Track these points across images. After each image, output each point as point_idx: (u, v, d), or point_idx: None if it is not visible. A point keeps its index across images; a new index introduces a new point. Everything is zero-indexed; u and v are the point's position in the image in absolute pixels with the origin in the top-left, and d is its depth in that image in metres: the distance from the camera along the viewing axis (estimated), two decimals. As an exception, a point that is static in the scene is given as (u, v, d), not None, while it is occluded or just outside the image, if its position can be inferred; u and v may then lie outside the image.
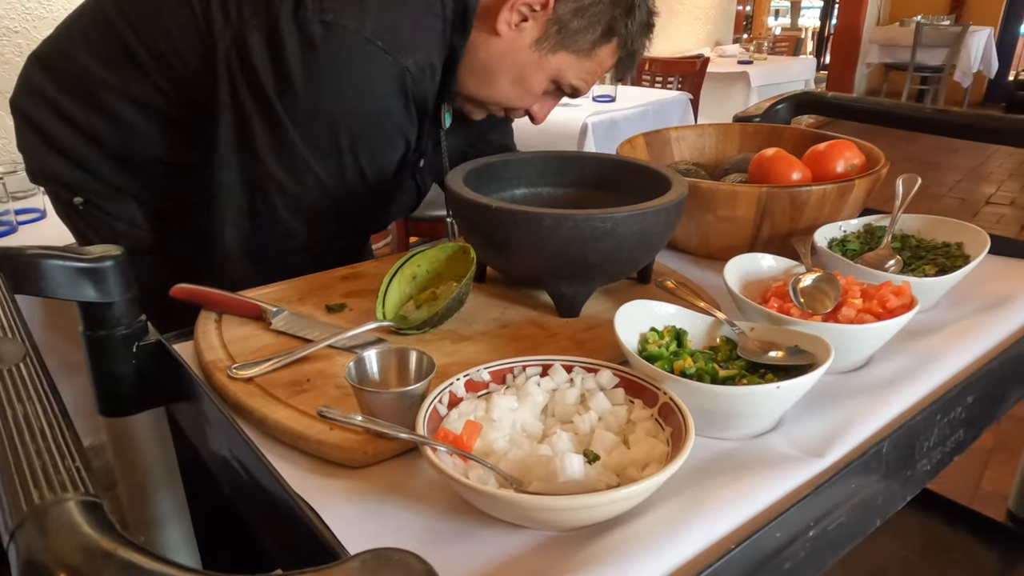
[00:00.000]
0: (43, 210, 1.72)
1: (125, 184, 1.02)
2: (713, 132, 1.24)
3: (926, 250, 0.92)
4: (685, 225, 1.00)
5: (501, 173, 0.93)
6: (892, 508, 0.64)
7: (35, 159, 1.04)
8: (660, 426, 0.58)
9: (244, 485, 0.60)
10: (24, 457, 0.34)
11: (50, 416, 0.38)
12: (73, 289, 0.68)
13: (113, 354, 0.74)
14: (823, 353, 0.63)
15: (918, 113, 1.31)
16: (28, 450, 0.35)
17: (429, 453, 0.52)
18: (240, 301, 0.80)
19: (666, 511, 0.52)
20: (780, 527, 0.51)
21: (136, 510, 0.81)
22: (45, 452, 0.34)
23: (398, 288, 0.82)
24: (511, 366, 0.64)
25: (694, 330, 0.71)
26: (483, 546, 0.51)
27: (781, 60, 5.55)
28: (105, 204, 1.03)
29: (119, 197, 1.03)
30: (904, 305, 0.72)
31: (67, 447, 0.36)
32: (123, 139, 0.99)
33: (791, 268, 0.84)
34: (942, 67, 7.42)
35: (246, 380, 0.68)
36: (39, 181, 1.07)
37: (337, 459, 0.59)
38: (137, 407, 0.77)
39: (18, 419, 0.37)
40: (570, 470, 0.52)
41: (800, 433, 0.63)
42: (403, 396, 0.59)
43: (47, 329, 1.62)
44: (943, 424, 0.67)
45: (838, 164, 1.02)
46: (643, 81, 4.35)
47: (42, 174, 1.05)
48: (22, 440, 0.35)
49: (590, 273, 0.80)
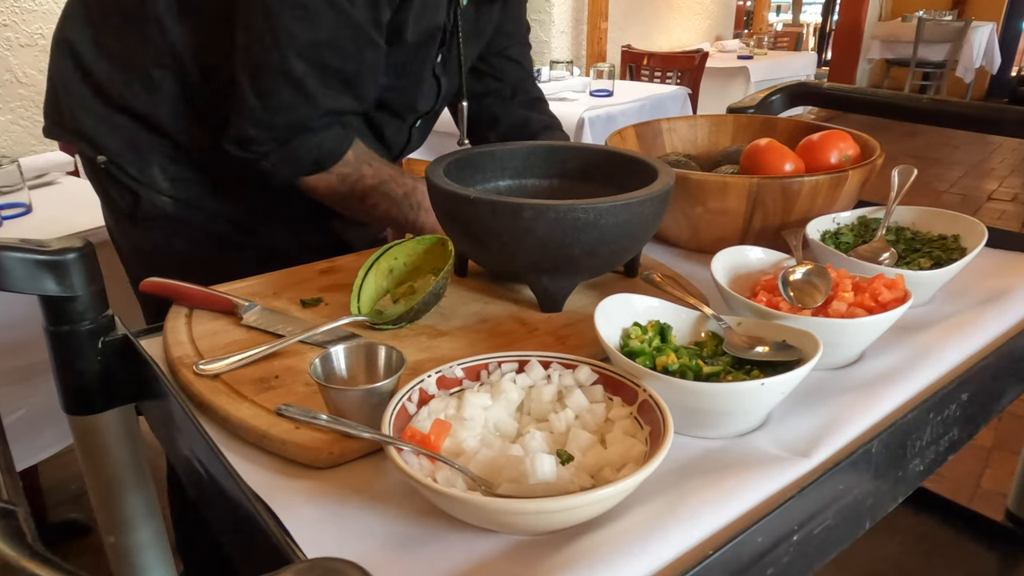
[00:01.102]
0: (28, 205, 1.69)
1: (148, 144, 1.01)
2: (705, 123, 1.21)
3: (921, 243, 0.89)
4: (675, 218, 0.97)
5: (485, 164, 0.90)
6: (883, 510, 0.61)
7: (64, 109, 1.02)
8: (639, 425, 0.56)
9: (205, 486, 0.58)
10: (-66, 459, 0.32)
11: (-28, 415, 0.35)
12: (33, 283, 0.66)
13: (78, 350, 0.71)
14: (811, 349, 0.60)
15: (916, 104, 1.28)
16: (-61, 452, 0.32)
17: (393, 454, 0.49)
18: (211, 295, 0.77)
19: (642, 514, 0.50)
20: (762, 531, 0.48)
21: (105, 511, 0.78)
22: (-43, 454, 0.32)
23: (374, 282, 0.79)
24: (486, 362, 0.62)
25: (679, 325, 0.69)
26: (450, 551, 0.49)
27: (781, 55, 5.52)
28: (128, 166, 1.01)
29: (141, 161, 1.01)
30: (897, 299, 0.70)
31: (-15, 448, 0.33)
32: (153, 102, 0.98)
33: (781, 261, 0.81)
34: (944, 63, 7.39)
35: (212, 377, 0.65)
36: (63, 136, 1.05)
37: (301, 459, 0.57)
38: (104, 405, 0.74)
39: (-64, 418, 0.35)
40: (541, 471, 0.49)
41: (787, 432, 0.60)
42: (370, 393, 0.56)
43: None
44: (936, 422, 0.64)
45: (832, 155, 1.00)
46: (642, 76, 4.32)
47: (68, 128, 1.03)
48: (-65, 441, 0.33)
49: (573, 266, 0.77)
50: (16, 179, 1.68)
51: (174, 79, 0.98)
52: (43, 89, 1.07)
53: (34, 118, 2.36)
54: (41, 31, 2.31)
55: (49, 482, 2.04)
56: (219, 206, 1.05)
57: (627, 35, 5.20)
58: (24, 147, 2.35)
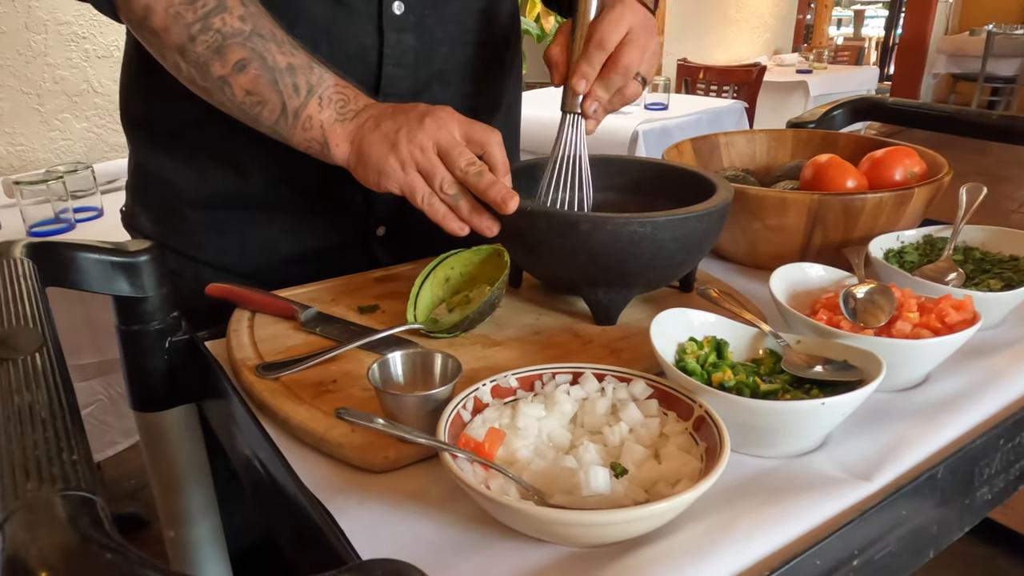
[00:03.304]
0: (100, 208, 1.77)
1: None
2: (764, 138, 1.20)
3: (991, 263, 0.86)
4: (732, 233, 0.96)
5: (533, 176, 0.91)
6: (948, 539, 0.59)
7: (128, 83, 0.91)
8: (694, 441, 0.55)
9: (264, 485, 0.60)
10: (21, 447, 0.33)
11: (55, 407, 0.37)
12: (107, 283, 0.69)
13: (146, 349, 0.74)
14: (874, 369, 0.59)
15: (986, 120, 1.24)
16: (27, 440, 0.34)
17: (448, 460, 0.50)
18: (273, 300, 0.79)
19: (696, 532, 0.49)
20: (820, 554, 0.47)
21: (166, 506, 0.81)
22: (43, 443, 0.34)
23: (430, 291, 0.80)
24: (540, 373, 0.62)
25: (736, 341, 0.68)
26: (501, 560, 0.49)
27: (842, 69, 5.41)
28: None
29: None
30: (965, 320, 0.68)
31: (68, 440, 0.35)
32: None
33: (842, 279, 0.79)
34: (1015, 78, 7.13)
35: (273, 379, 0.67)
36: (125, 122, 0.94)
37: (358, 462, 0.58)
38: (169, 403, 0.77)
39: (23, 408, 0.36)
40: (594, 483, 0.49)
41: (847, 453, 0.59)
42: (426, 400, 0.57)
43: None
44: (1007, 450, 0.62)
45: (897, 172, 0.97)
46: (697, 89, 4.28)
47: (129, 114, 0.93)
48: (23, 430, 0.35)
49: (628, 280, 0.77)
50: (90, 184, 1.76)
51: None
52: (117, 99, 1.08)
53: (108, 126, 2.47)
54: (117, 43, 2.42)
55: (110, 476, 2.12)
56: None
57: (684, 49, 5.17)
58: (98, 153, 2.46)
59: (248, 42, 0.71)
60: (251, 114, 0.74)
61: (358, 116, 0.74)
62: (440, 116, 0.73)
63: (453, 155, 0.72)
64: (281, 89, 0.72)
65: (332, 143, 0.74)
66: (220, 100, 0.74)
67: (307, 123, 0.73)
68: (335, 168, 0.76)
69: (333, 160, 0.75)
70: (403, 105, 0.75)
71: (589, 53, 0.76)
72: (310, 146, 0.75)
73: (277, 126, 0.74)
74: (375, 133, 0.72)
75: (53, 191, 1.63)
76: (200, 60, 0.71)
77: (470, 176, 0.72)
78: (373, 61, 0.84)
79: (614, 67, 0.77)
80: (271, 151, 0.80)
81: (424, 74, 0.88)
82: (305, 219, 0.92)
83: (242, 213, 0.90)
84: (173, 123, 0.88)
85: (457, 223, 0.73)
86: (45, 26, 2.31)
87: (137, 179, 0.95)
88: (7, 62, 2.26)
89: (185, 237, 0.91)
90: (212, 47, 0.70)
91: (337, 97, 0.74)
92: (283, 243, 0.92)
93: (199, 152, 0.88)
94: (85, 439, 0.37)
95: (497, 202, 0.71)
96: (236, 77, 0.71)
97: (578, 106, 0.79)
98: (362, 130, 0.73)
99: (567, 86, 0.79)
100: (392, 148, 0.71)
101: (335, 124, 0.74)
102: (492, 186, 0.72)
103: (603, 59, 0.77)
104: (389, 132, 0.72)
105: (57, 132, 2.39)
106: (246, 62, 0.71)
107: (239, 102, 0.73)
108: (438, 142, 0.72)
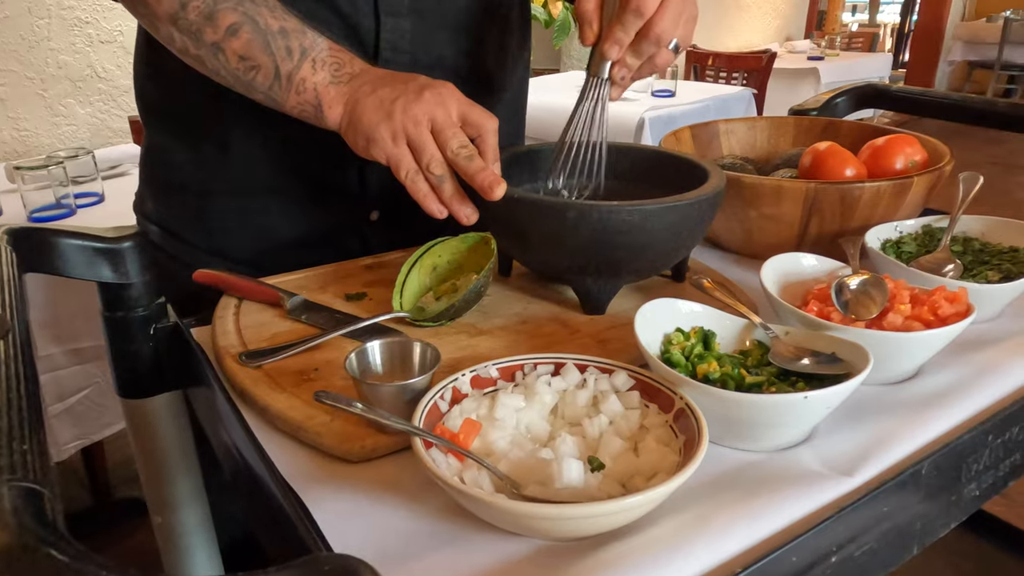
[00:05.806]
0: (101, 194, 1.77)
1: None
2: (765, 125, 1.18)
3: (991, 254, 0.84)
4: (727, 222, 0.94)
5: (532, 162, 0.90)
6: (932, 535, 0.58)
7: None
8: (674, 434, 0.54)
9: (241, 473, 0.59)
10: (-30, 437, 0.33)
11: (12, 396, 0.37)
12: (89, 269, 0.68)
13: (131, 335, 0.74)
14: (861, 362, 0.58)
15: (992, 107, 1.21)
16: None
17: (420, 450, 0.49)
18: (259, 287, 0.79)
19: (671, 526, 0.48)
20: (796, 551, 0.46)
21: (153, 492, 0.81)
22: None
23: (417, 279, 0.79)
24: (521, 363, 0.61)
25: (725, 333, 0.67)
26: (474, 552, 0.48)
27: (854, 56, 5.33)
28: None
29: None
30: (958, 313, 0.66)
31: (21, 430, 0.34)
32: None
33: (836, 270, 0.78)
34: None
35: (255, 367, 0.67)
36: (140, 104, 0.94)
37: (335, 451, 0.57)
38: (154, 389, 0.77)
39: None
40: (567, 476, 0.48)
41: (831, 448, 0.58)
42: (402, 389, 0.56)
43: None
44: (996, 445, 0.61)
45: (897, 160, 0.95)
46: (706, 76, 4.24)
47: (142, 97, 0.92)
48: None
49: (617, 269, 0.76)
50: (90, 169, 1.76)
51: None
52: (120, 84, 1.09)
53: (112, 111, 2.47)
54: (120, 28, 2.42)
55: (116, 460, 2.13)
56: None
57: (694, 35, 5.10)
58: (102, 139, 2.46)
59: (239, 6, 0.70)
60: (245, 80, 0.73)
61: (354, 80, 0.73)
62: (440, 92, 0.72)
63: (447, 135, 0.70)
64: (274, 51, 0.71)
65: (325, 105, 0.72)
66: (215, 68, 0.73)
67: (300, 86, 0.72)
68: (331, 152, 0.75)
69: (326, 124, 0.73)
70: (403, 74, 0.73)
71: (625, 18, 0.71)
72: (304, 110, 0.73)
73: (271, 91, 0.73)
74: (371, 98, 0.71)
75: (54, 176, 1.63)
76: (192, 27, 0.70)
77: (460, 159, 0.70)
78: (371, 45, 0.83)
79: (648, 35, 0.72)
80: (267, 132, 0.79)
81: (424, 60, 0.86)
82: (301, 203, 0.91)
83: (239, 197, 0.90)
84: (172, 105, 0.88)
85: (437, 205, 0.72)
86: (48, 11, 2.31)
87: (144, 162, 0.95)
88: (10, 47, 2.26)
89: (183, 221, 0.91)
90: (203, 13, 0.70)
91: (331, 60, 0.73)
92: (278, 228, 0.92)
93: (195, 134, 0.88)
94: (42, 430, 0.36)
95: (484, 188, 0.70)
96: (228, 41, 0.70)
97: (606, 71, 0.76)
98: (357, 94, 0.72)
99: (596, 49, 0.75)
100: (387, 116, 0.70)
101: (329, 86, 0.72)
102: (480, 171, 0.70)
103: (639, 26, 0.72)
104: (385, 100, 0.70)
105: (61, 118, 2.39)
106: (237, 26, 0.70)
107: (233, 68, 0.72)
108: (433, 118, 0.70)
